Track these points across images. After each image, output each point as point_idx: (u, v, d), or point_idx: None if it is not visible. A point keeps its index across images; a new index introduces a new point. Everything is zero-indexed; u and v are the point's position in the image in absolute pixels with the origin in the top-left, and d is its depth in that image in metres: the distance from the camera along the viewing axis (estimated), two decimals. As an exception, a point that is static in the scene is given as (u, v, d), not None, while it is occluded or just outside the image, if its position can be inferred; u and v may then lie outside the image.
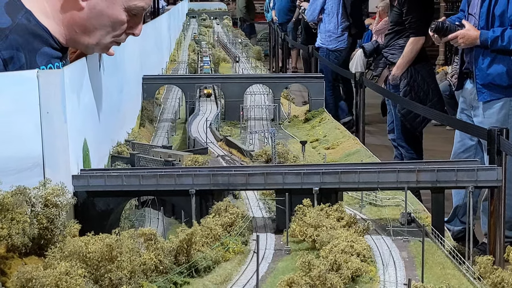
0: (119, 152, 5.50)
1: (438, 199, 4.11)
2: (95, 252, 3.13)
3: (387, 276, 3.42)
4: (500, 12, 6.82)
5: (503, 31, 6.75)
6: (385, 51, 10.13)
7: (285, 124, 8.01)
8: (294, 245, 3.91)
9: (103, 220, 4.11)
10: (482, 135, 5.51)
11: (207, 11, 23.79)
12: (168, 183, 4.14)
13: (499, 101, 7.07)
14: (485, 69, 6.99)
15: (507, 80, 7.01)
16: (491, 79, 7.01)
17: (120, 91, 6.43)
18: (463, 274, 3.43)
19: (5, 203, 3.37)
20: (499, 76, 6.97)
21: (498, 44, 6.77)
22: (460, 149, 7.67)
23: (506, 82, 7.02)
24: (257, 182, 4.17)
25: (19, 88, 3.86)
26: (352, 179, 4.11)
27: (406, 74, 9.32)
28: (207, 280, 3.44)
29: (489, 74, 6.98)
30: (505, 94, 7.09)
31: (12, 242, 3.33)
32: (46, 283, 2.85)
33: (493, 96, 7.07)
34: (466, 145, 7.63)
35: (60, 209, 3.63)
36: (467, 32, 6.82)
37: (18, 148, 3.84)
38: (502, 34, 6.74)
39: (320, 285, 3.10)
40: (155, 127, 7.63)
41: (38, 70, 3.97)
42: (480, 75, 7.05)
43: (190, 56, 12.86)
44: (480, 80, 7.06)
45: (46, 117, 3.91)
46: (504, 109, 7.04)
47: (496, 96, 7.08)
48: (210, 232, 3.79)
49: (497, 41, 6.76)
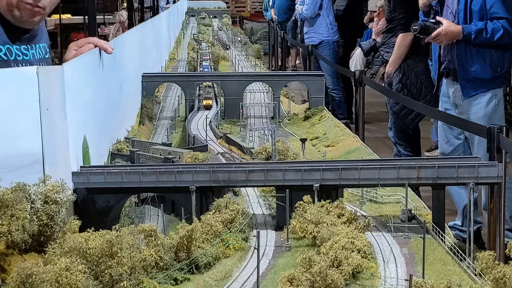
0: (119, 150, 5.49)
1: (439, 195, 4.10)
2: (95, 248, 3.12)
3: (387, 273, 3.41)
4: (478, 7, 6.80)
5: (485, 24, 6.73)
6: (382, 49, 10.16)
7: (285, 122, 8.00)
8: (294, 242, 3.90)
9: (103, 217, 4.10)
10: (481, 133, 5.50)
11: (207, 9, 23.76)
12: (168, 180, 4.13)
13: (485, 95, 7.04)
14: (468, 65, 6.97)
15: (491, 73, 7.00)
16: (475, 74, 6.99)
17: (120, 88, 6.42)
18: (464, 270, 3.43)
19: (5, 200, 3.37)
20: (482, 70, 6.95)
21: (482, 37, 6.75)
22: (448, 150, 7.66)
23: (489, 75, 7.01)
24: (258, 178, 4.17)
25: (18, 85, 3.85)
26: (352, 175, 4.10)
27: (399, 71, 9.33)
28: (208, 276, 3.43)
29: (472, 69, 6.96)
30: (489, 87, 7.08)
31: (12, 238, 3.33)
32: (46, 279, 2.84)
33: (478, 91, 7.06)
34: (454, 145, 7.62)
35: (60, 206, 3.63)
36: (448, 29, 6.80)
37: (18, 145, 3.84)
38: (486, 27, 6.72)
39: (320, 281, 3.09)
40: (155, 125, 7.63)
41: (38, 67, 3.96)
42: (462, 71, 7.03)
43: (190, 54, 12.85)
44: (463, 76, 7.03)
45: (46, 113, 3.90)
46: (491, 102, 7.02)
47: (481, 90, 7.06)
48: (210, 228, 3.78)
49: (481, 34, 6.74)
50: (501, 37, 6.71)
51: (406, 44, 9.20)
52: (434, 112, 7.55)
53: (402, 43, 9.20)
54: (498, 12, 6.74)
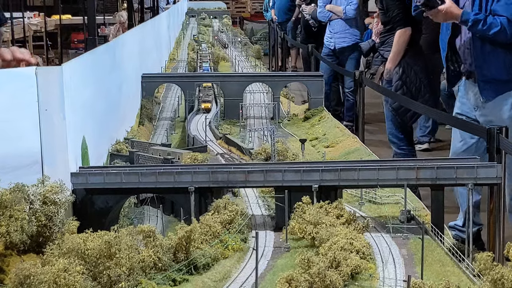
0: (118, 150, 5.48)
1: (438, 196, 4.09)
2: (93, 249, 3.12)
3: (386, 273, 3.41)
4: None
5: (486, 16, 6.71)
6: (381, 49, 10.13)
7: (285, 123, 7.99)
8: (293, 243, 3.90)
9: (102, 218, 4.10)
10: (481, 134, 5.49)
11: (207, 10, 23.77)
12: (167, 181, 4.12)
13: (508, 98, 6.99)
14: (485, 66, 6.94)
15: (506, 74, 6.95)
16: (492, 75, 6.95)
17: (119, 89, 6.42)
18: (463, 271, 3.42)
19: (4, 200, 3.36)
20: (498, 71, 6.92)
21: (478, 27, 6.70)
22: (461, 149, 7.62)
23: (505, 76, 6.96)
24: (257, 179, 4.16)
25: (17, 85, 3.85)
26: (351, 176, 4.10)
27: (399, 69, 9.30)
28: (206, 277, 3.43)
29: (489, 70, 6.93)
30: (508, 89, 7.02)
31: (10, 239, 3.33)
32: (44, 280, 2.84)
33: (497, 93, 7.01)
34: (468, 144, 7.58)
35: (58, 207, 3.62)
36: (449, 9, 6.76)
37: (16, 146, 3.83)
38: (485, 19, 6.68)
39: (319, 282, 3.09)
40: (154, 126, 7.62)
41: (36, 67, 3.96)
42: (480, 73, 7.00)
43: (190, 55, 12.84)
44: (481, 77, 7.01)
45: (45, 114, 3.90)
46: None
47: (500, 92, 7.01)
48: (209, 229, 3.78)
49: (478, 23, 6.69)
50: (497, 32, 6.66)
51: (405, 40, 9.16)
52: (433, 112, 7.53)
53: (401, 39, 9.17)
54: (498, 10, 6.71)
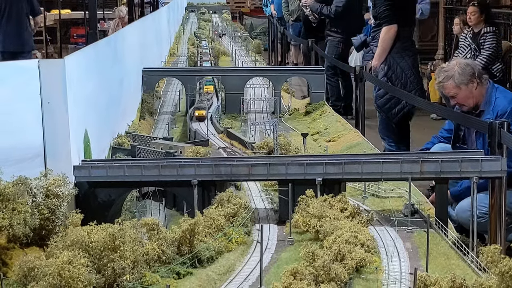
0: (120, 144, 5.47)
1: (442, 189, 4.08)
2: (97, 241, 3.10)
3: (391, 267, 3.40)
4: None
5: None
6: (372, 44, 10.11)
7: (286, 117, 7.97)
8: (297, 236, 3.88)
9: (104, 211, 4.08)
10: (483, 128, 5.47)
11: (206, 5, 23.73)
12: (170, 174, 4.10)
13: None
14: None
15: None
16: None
17: (121, 83, 6.40)
18: (468, 265, 3.41)
19: (6, 193, 3.35)
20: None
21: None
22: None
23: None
24: (260, 172, 4.15)
25: (20, 78, 3.83)
26: (355, 169, 4.08)
27: (384, 65, 9.27)
28: (210, 270, 3.41)
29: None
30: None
31: (13, 232, 3.31)
32: (48, 272, 2.82)
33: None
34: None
35: (61, 200, 3.61)
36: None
37: (19, 138, 3.82)
38: (461, 185, 6.38)
39: (324, 275, 3.08)
40: (155, 120, 7.60)
41: (39, 60, 3.94)
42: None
43: (190, 49, 12.82)
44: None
45: (47, 107, 3.89)
46: None
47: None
48: (213, 222, 3.76)
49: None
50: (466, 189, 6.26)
51: (390, 36, 9.10)
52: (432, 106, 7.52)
53: (386, 36, 9.11)
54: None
